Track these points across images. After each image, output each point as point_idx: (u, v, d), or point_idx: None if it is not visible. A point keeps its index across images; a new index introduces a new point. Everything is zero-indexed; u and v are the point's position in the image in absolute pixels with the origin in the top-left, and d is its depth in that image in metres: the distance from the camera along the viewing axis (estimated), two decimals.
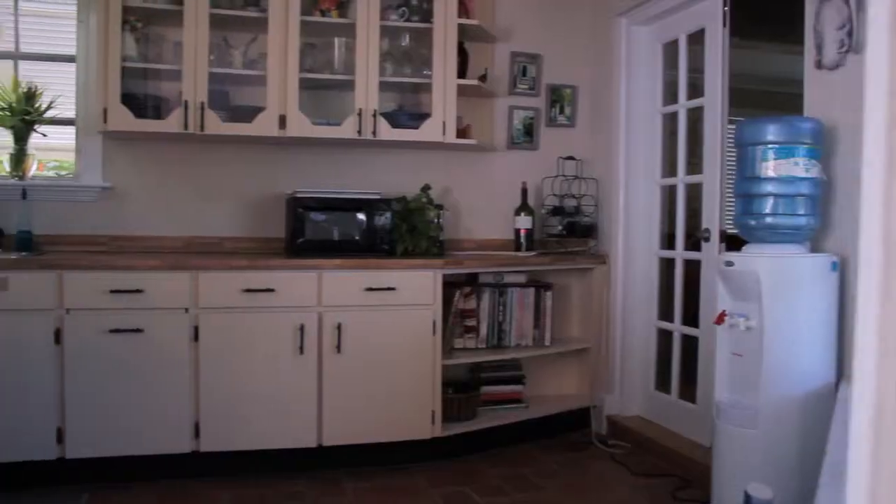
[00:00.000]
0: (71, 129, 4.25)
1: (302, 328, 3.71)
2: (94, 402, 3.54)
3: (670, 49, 4.37)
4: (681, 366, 4.27)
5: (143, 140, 4.17)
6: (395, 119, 4.22)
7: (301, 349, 3.72)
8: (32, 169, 4.11)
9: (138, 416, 3.58)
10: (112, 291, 3.53)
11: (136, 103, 3.94)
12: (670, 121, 4.42)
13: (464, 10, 4.33)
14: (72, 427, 3.52)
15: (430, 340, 3.89)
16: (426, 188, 4.29)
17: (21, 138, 4.05)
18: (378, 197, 4.13)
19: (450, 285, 4.08)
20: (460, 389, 4.23)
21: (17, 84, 4.12)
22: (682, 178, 4.26)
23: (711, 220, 3.93)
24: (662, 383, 4.43)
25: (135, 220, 4.23)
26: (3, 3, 4.24)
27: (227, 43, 4.11)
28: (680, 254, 4.29)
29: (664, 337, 4.44)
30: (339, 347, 3.76)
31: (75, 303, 3.51)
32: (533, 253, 4.52)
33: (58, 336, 3.49)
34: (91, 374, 3.52)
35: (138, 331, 3.56)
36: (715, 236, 3.90)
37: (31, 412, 3.44)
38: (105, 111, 3.83)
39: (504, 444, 4.24)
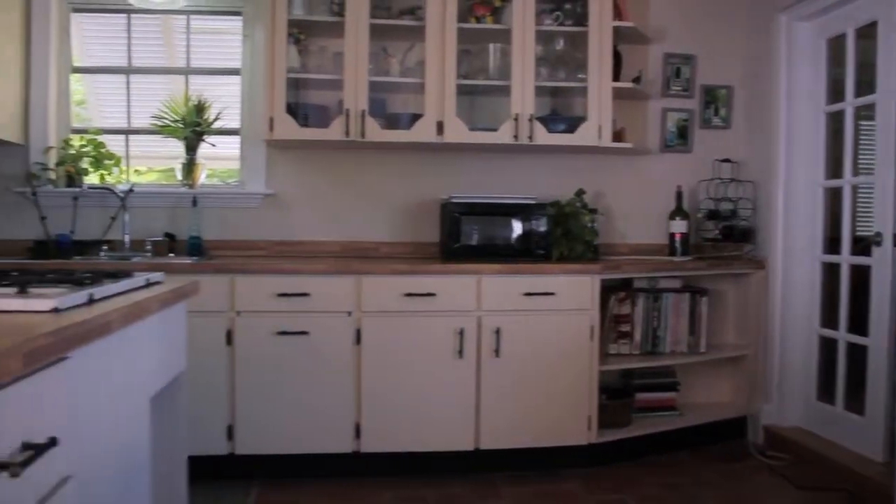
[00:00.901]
0: (234, 139, 4.42)
1: (461, 332, 3.74)
2: (261, 401, 3.67)
3: (835, 45, 4.19)
4: (846, 375, 4.08)
5: (303, 148, 4.31)
6: (549, 123, 4.21)
7: (460, 353, 3.76)
8: (202, 177, 4.30)
9: (303, 415, 3.70)
10: (280, 295, 3.65)
11: (300, 113, 4.07)
12: (834, 120, 4.24)
13: (617, 12, 4.28)
14: (241, 424, 3.66)
15: (587, 346, 3.86)
16: (580, 192, 4.27)
17: (192, 148, 4.25)
18: (533, 201, 4.13)
19: (604, 290, 4.04)
20: (614, 395, 4.19)
21: (188, 98, 4.32)
22: (848, 180, 4.08)
23: (884, 222, 3.74)
24: (825, 393, 4.25)
25: (295, 225, 4.37)
26: (177, 24, 4.46)
27: (385, 52, 4.19)
28: (846, 258, 4.10)
29: (827, 345, 4.26)
30: (497, 352, 3.78)
31: (245, 305, 3.65)
32: (688, 258, 4.42)
33: (229, 337, 3.64)
34: (259, 374, 3.66)
35: (304, 333, 3.67)
36: (888, 240, 3.71)
37: (204, 410, 3.58)
38: (271, 121, 3.97)
39: (658, 452, 4.16)
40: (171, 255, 4.13)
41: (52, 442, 1.27)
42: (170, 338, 2.38)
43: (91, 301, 1.78)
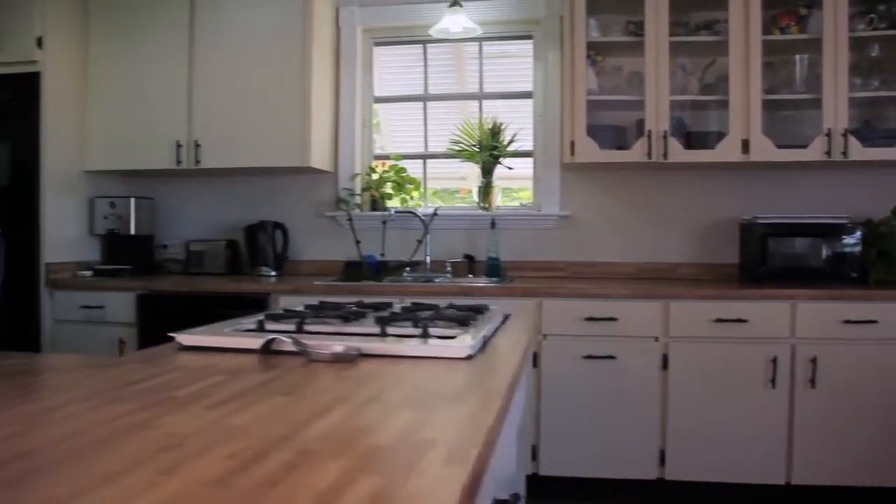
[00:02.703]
0: (524, 161, 4.48)
1: (774, 360, 3.57)
2: (565, 424, 3.69)
3: None
4: None
5: (597, 169, 4.29)
6: (864, 137, 3.92)
7: (772, 382, 3.58)
8: (497, 200, 4.39)
9: (606, 439, 3.67)
10: (587, 319, 3.65)
11: (597, 134, 4.05)
12: None
13: None
14: (544, 445, 3.71)
15: None
16: None
17: (488, 171, 4.35)
18: (845, 221, 3.86)
19: None
20: None
21: (482, 122, 4.44)
22: None
23: None
24: None
25: (589, 246, 4.37)
26: (468, 50, 4.60)
27: (684, 69, 4.09)
28: None
29: None
30: (812, 382, 3.57)
31: (552, 329, 3.68)
32: None
33: (535, 360, 3.68)
34: (564, 398, 3.68)
35: (610, 357, 3.65)
36: None
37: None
38: (572, 144, 3.98)
39: None
40: (470, 276, 4.26)
41: (515, 499, 1.30)
42: None
43: (485, 343, 1.84)
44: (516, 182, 4.61)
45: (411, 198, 4.51)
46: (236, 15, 4.28)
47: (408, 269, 4.32)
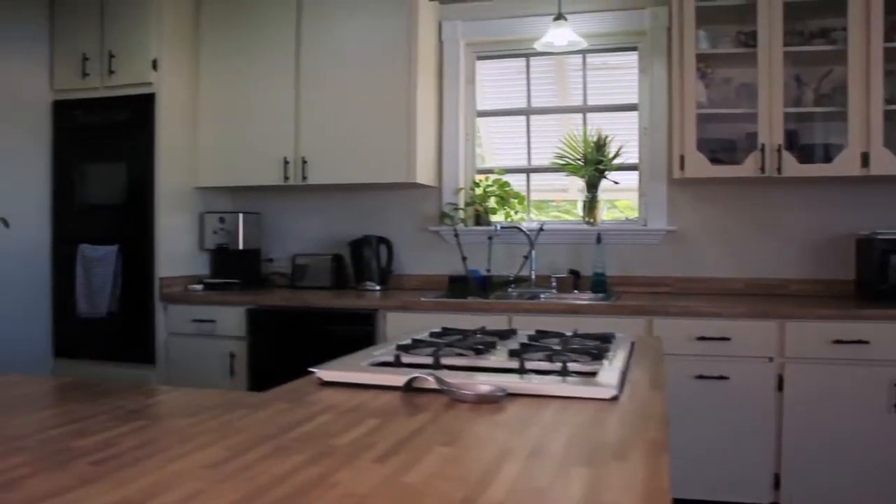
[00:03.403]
0: (626, 173, 4.42)
1: None
2: (678, 445, 3.58)
3: None
4: None
5: (707, 182, 4.19)
6: None
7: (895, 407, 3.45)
8: (602, 214, 4.34)
9: (718, 462, 3.59)
10: (698, 338, 3.57)
11: (707, 148, 3.97)
12: None
13: None
14: None
15: None
16: None
17: (593, 186, 4.31)
18: None
19: None
20: None
21: (587, 135, 4.39)
22: None
23: None
24: None
25: (696, 261, 4.28)
26: (570, 62, 4.56)
27: (798, 80, 3.97)
28: None
29: None
30: None
31: (664, 348, 3.60)
32: None
33: None
34: (675, 418, 3.59)
35: (723, 378, 3.57)
36: None
37: None
38: (682, 159, 3.91)
39: None
40: (576, 291, 4.22)
41: None
42: None
43: (623, 379, 1.81)
44: (616, 194, 4.54)
45: (515, 212, 4.49)
46: (342, 33, 4.34)
47: (512, 284, 4.30)
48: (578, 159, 4.35)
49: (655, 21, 4.28)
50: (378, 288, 4.46)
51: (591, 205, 4.31)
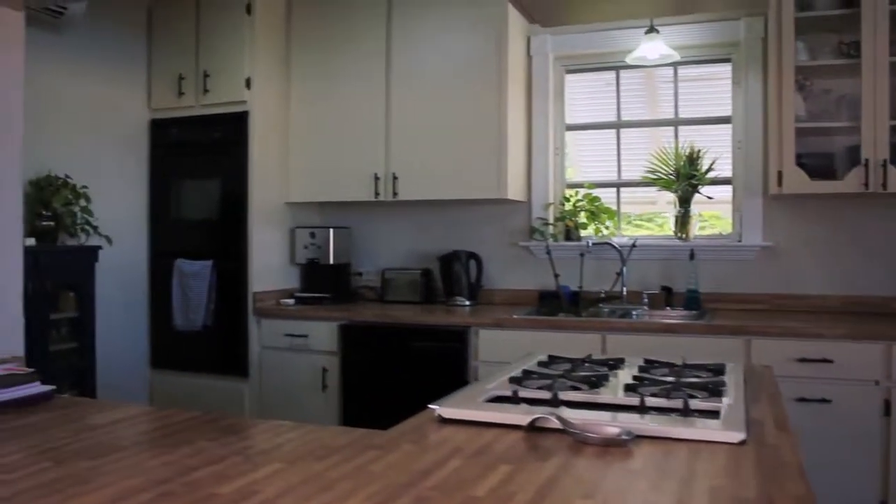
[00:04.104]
0: (720, 188, 4.33)
1: None
2: None
3: None
4: None
5: (804, 197, 4.08)
6: None
7: None
8: (695, 229, 4.27)
9: (820, 488, 3.45)
10: (799, 360, 3.48)
11: (805, 163, 3.86)
12: None
13: None
14: None
15: None
16: None
17: (686, 201, 4.23)
18: None
19: None
20: None
21: (678, 149, 4.32)
22: None
23: None
24: None
25: (791, 278, 4.17)
26: (662, 73, 4.49)
27: None
28: None
29: None
30: None
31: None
32: None
33: None
34: None
35: (825, 401, 3.47)
36: None
37: None
38: (779, 174, 3.82)
39: None
40: (668, 308, 4.16)
41: None
42: None
43: (747, 418, 1.77)
44: (704, 206, 4.43)
45: (606, 227, 4.45)
46: (432, 49, 4.36)
47: (603, 300, 4.26)
48: (670, 173, 4.28)
49: (750, 31, 4.18)
50: (467, 303, 4.47)
51: (683, 220, 4.24)
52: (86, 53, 4.22)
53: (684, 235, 4.25)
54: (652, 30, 4.12)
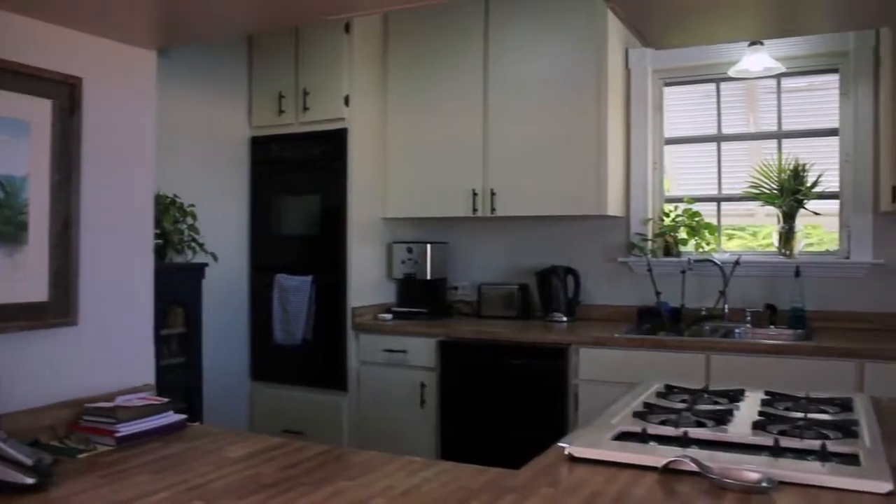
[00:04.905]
0: (825, 203, 4.21)
1: None
2: None
3: None
4: None
5: None
6: None
7: None
8: (800, 245, 4.16)
9: None
10: None
11: None
12: None
13: None
14: None
15: None
16: None
17: (790, 216, 4.13)
18: None
19: None
20: None
21: (781, 163, 4.22)
22: None
23: None
24: None
25: None
26: (763, 85, 4.39)
27: None
28: None
29: None
30: None
31: (873, 393, 3.41)
32: None
33: None
34: None
35: None
36: None
37: None
38: (893, 189, 3.70)
39: None
40: (772, 326, 4.06)
41: None
42: None
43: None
44: (805, 219, 4.29)
45: (707, 243, 4.37)
46: (529, 64, 4.35)
47: (704, 318, 4.19)
48: (774, 188, 4.18)
49: (860, 41, 4.05)
50: (565, 319, 4.44)
51: (787, 235, 4.14)
52: (190, 75, 4.35)
53: (788, 252, 4.15)
54: (756, 41, 4.03)
